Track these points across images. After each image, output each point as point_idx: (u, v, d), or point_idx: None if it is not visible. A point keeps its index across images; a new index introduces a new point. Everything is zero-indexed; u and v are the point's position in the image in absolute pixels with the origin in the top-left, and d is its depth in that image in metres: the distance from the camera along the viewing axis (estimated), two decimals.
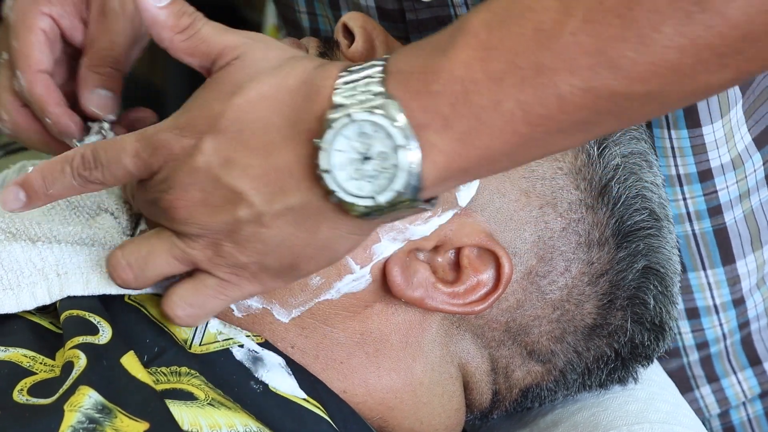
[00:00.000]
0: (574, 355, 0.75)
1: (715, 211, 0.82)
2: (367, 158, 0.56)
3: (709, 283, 0.85)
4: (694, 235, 0.83)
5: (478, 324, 0.73)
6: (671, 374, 0.87)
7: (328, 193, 0.57)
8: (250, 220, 0.59)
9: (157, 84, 1.98)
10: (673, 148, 0.79)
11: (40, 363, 0.64)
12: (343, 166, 0.56)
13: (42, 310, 0.69)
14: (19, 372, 0.63)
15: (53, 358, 0.65)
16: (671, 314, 0.77)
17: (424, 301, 0.69)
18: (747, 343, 0.88)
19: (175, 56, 0.64)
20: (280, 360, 0.67)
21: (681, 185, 0.81)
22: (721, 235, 0.83)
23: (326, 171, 0.56)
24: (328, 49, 0.75)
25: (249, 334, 0.68)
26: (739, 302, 0.86)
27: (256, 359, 0.67)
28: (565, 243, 0.72)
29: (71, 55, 0.78)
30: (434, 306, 0.70)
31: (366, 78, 0.57)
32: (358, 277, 0.69)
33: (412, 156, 0.55)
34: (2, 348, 0.64)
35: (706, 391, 0.90)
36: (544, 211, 0.72)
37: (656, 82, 0.53)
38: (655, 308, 0.75)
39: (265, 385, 0.65)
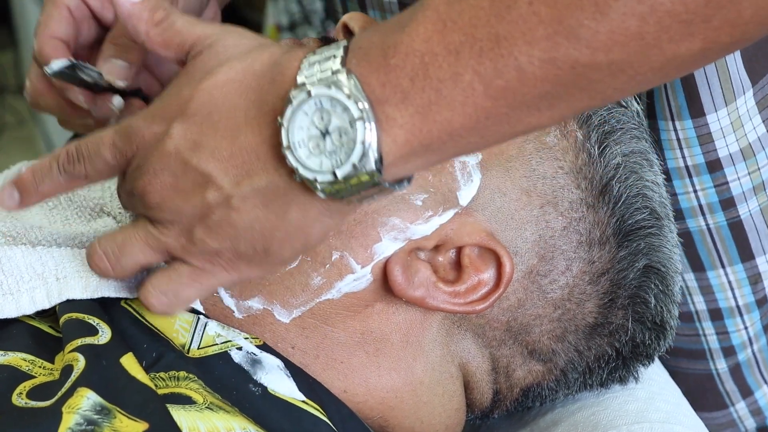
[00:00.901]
0: (575, 354, 0.75)
1: (728, 203, 0.81)
2: (327, 134, 0.56)
3: (729, 282, 0.84)
4: (709, 229, 0.82)
5: (479, 323, 0.73)
6: (698, 377, 0.87)
7: (292, 172, 0.57)
8: (220, 203, 0.59)
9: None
10: (678, 139, 0.79)
11: (39, 367, 0.64)
12: (304, 142, 0.56)
13: (41, 314, 0.69)
14: (18, 376, 0.63)
15: (52, 362, 0.65)
16: (672, 313, 0.77)
17: (425, 301, 0.69)
18: None
19: (152, 49, 0.64)
20: (279, 362, 0.67)
21: (690, 176, 0.80)
22: (737, 228, 0.82)
23: (288, 148, 0.56)
24: None
25: (248, 336, 0.68)
26: (762, 302, 0.85)
27: (255, 362, 0.66)
28: (566, 242, 0.72)
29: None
30: (435, 305, 0.69)
31: (329, 57, 0.57)
32: (359, 277, 0.69)
33: (369, 129, 0.55)
34: (1, 352, 0.64)
35: (740, 405, 0.89)
36: (545, 210, 0.72)
37: (619, 51, 0.51)
38: (656, 307, 0.75)
39: (264, 388, 0.65)
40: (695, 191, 0.81)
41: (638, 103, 0.78)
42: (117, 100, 0.72)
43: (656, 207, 0.75)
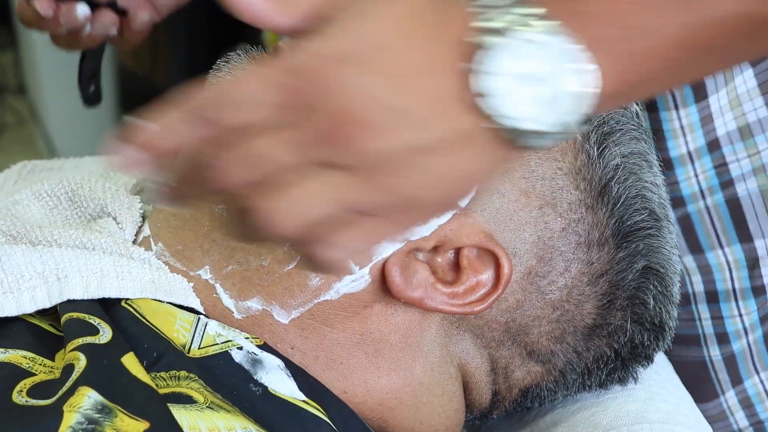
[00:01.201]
0: (573, 356, 0.75)
1: (727, 184, 0.81)
2: (527, 80, 0.51)
3: (727, 261, 0.84)
4: (708, 209, 0.82)
5: (477, 324, 0.73)
6: (692, 365, 0.87)
7: (483, 119, 0.52)
8: (420, 148, 0.52)
9: (158, 83, 1.99)
10: (682, 127, 0.79)
11: (40, 364, 0.64)
12: (499, 90, 0.51)
13: (42, 313, 0.69)
14: (18, 373, 0.63)
15: (53, 360, 0.65)
16: (671, 314, 0.78)
17: (424, 302, 0.69)
18: None
19: None
20: (279, 362, 0.67)
21: (692, 161, 0.80)
22: (735, 207, 0.82)
23: (479, 95, 0.51)
24: None
25: (248, 336, 0.68)
26: (759, 291, 0.85)
27: (256, 361, 0.67)
28: (565, 243, 0.72)
29: None
30: (433, 306, 0.70)
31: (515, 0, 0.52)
32: (357, 278, 0.69)
33: (583, 77, 0.51)
34: (2, 350, 0.65)
35: (730, 394, 0.90)
36: (543, 211, 0.72)
37: None
38: (655, 308, 0.76)
39: (265, 388, 0.65)
40: (696, 175, 0.81)
41: (637, 104, 0.78)
42: (81, 9, 0.70)
43: (655, 208, 0.75)
